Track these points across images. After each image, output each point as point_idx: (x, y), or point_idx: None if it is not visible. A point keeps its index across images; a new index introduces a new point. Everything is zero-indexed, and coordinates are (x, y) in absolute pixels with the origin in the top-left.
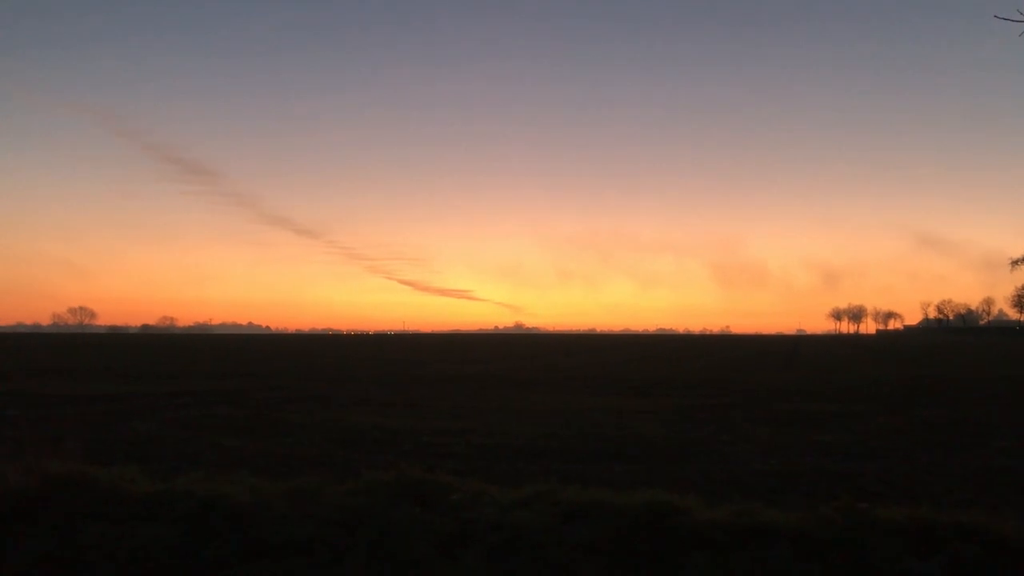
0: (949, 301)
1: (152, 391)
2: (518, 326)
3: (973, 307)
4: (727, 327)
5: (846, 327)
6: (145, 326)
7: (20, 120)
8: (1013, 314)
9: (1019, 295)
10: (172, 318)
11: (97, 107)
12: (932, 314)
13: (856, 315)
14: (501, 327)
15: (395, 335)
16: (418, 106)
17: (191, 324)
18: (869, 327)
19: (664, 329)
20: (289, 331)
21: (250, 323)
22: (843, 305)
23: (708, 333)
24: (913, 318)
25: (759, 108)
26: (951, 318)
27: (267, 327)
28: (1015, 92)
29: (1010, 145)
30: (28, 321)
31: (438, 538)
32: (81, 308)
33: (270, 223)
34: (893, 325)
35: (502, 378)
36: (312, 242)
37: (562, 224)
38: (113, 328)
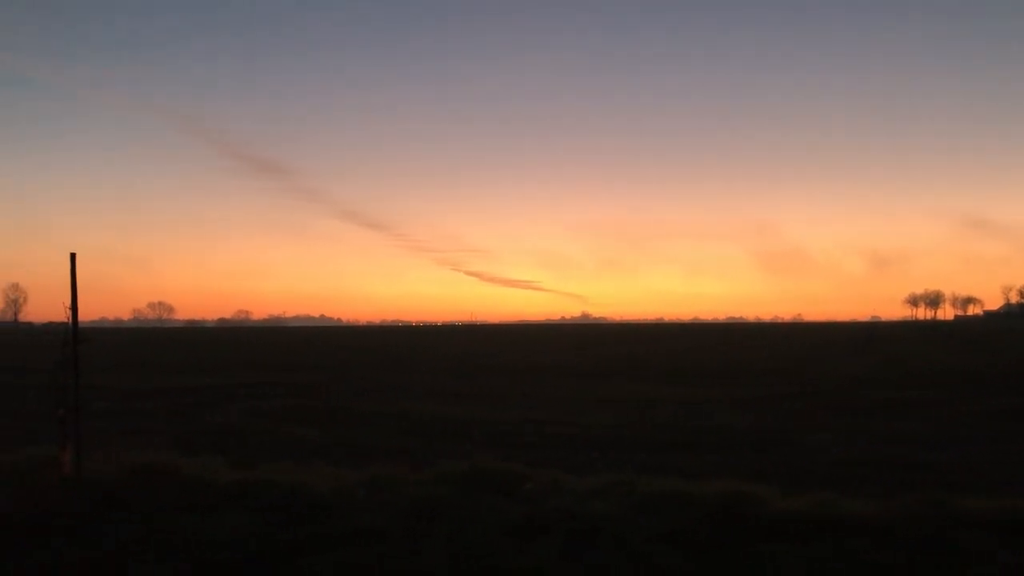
0: None
1: (229, 383)
2: (584, 316)
3: None
4: (799, 315)
5: (922, 313)
6: (221, 320)
7: (99, 122)
8: None
9: None
10: (247, 311)
11: (173, 108)
12: (1014, 299)
13: (933, 301)
14: (568, 317)
15: (463, 326)
16: (480, 100)
17: (265, 317)
18: (947, 313)
19: (734, 317)
20: (360, 323)
21: (322, 315)
22: (918, 290)
23: (779, 321)
24: (994, 303)
25: (794, 91)
26: None
27: (339, 319)
28: None
29: None
30: (110, 316)
31: (514, 527)
32: (160, 303)
33: (340, 218)
34: (973, 311)
35: (572, 368)
36: (381, 235)
37: (625, 214)
38: (191, 322)
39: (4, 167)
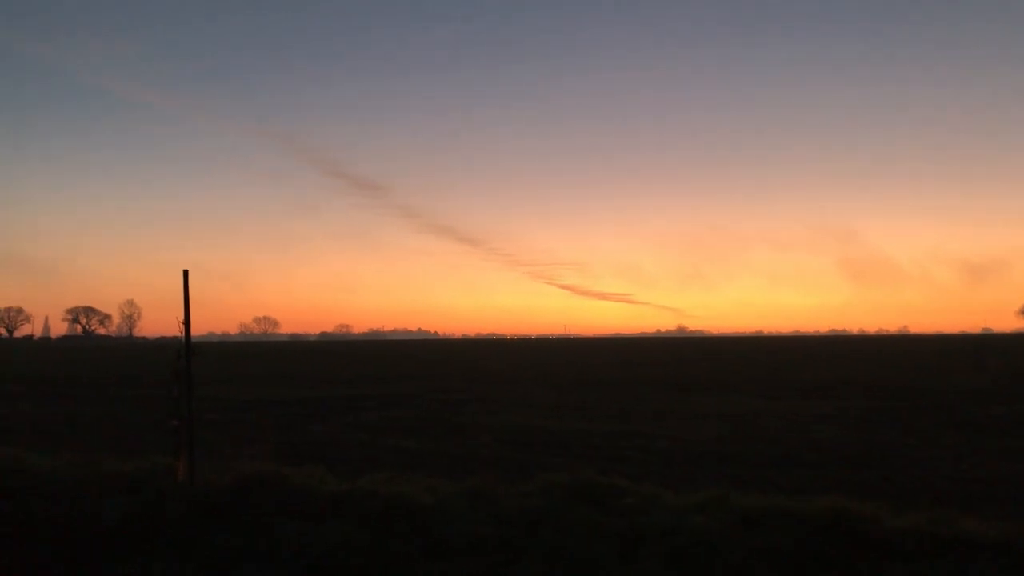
0: None
1: (331, 395)
2: (680, 329)
3: None
4: (904, 327)
5: None
6: (323, 333)
7: (207, 145)
8: None
9: None
10: (348, 325)
11: (276, 130)
12: None
13: None
14: (663, 330)
15: (558, 339)
16: (569, 117)
17: (365, 331)
18: None
19: (836, 330)
20: (456, 336)
21: (419, 329)
22: None
23: (885, 333)
24: None
25: (877, 96)
26: None
27: (435, 333)
28: None
29: None
30: (218, 331)
31: (614, 541)
32: (265, 318)
33: (435, 233)
34: None
35: (668, 381)
36: (474, 250)
37: (714, 224)
38: (294, 336)
39: (119, 189)
